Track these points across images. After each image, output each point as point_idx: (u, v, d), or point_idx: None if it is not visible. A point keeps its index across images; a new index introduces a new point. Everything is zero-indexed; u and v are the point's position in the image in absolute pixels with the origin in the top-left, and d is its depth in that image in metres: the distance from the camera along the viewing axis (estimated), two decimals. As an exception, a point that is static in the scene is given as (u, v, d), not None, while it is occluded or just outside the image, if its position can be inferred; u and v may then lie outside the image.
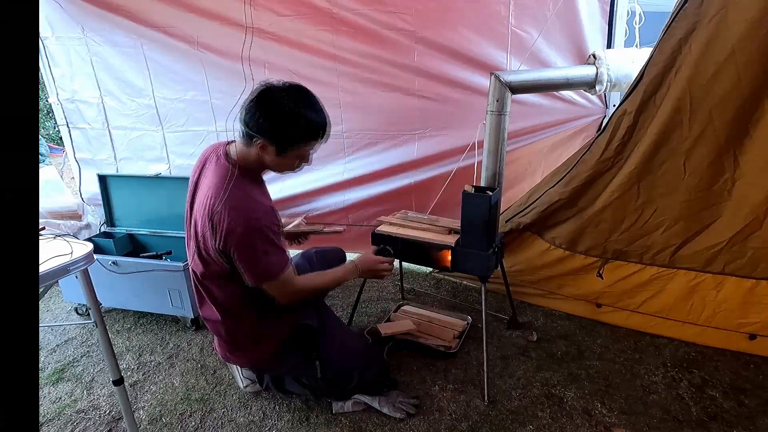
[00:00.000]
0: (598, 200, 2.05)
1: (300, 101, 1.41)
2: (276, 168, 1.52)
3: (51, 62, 3.00)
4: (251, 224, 1.38)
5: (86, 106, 3.06)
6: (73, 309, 2.61)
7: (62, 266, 1.31)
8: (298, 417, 1.76)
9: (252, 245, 1.40)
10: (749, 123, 1.69)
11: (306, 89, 1.47)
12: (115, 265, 2.31)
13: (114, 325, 2.44)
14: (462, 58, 2.40)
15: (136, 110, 2.97)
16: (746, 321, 1.97)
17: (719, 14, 1.56)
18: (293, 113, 1.38)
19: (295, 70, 2.63)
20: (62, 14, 2.77)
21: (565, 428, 1.68)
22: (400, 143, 2.67)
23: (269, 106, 1.39)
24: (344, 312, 2.46)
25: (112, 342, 1.75)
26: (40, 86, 3.71)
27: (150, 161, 3.12)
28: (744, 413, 1.71)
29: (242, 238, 1.38)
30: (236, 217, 1.37)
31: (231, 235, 1.38)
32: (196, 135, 2.95)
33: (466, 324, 2.26)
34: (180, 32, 2.65)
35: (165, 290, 2.28)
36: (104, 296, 2.22)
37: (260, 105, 1.39)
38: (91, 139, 3.16)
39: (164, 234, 2.66)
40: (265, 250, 1.42)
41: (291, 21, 2.50)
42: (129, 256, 2.48)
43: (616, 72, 2.10)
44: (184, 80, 2.80)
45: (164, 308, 2.36)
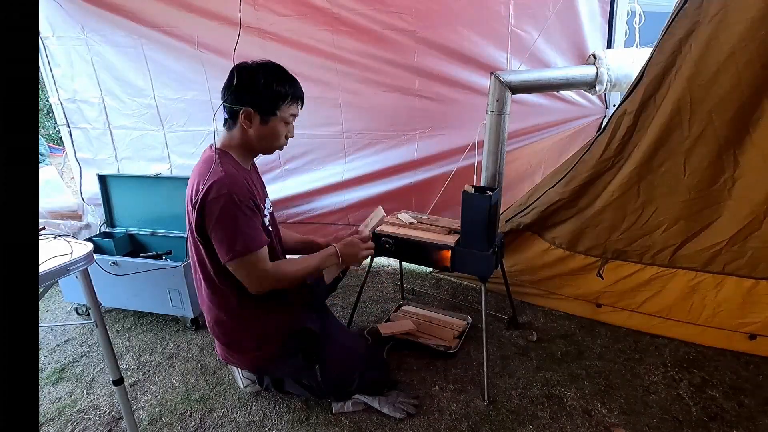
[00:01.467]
0: (598, 200, 2.05)
1: (273, 69, 1.52)
2: (263, 142, 1.54)
3: (51, 62, 3.01)
4: (225, 194, 1.39)
5: (87, 106, 3.07)
6: (73, 309, 2.61)
7: (62, 266, 1.31)
8: (298, 417, 1.76)
9: (227, 216, 1.40)
10: (749, 123, 1.69)
11: (277, 64, 1.56)
12: (115, 266, 2.31)
13: (114, 325, 2.44)
14: (462, 58, 2.41)
15: (137, 110, 2.98)
16: (746, 321, 1.97)
17: (719, 14, 1.56)
18: (270, 77, 1.48)
19: (295, 70, 2.63)
20: (62, 14, 2.77)
21: (565, 428, 1.68)
22: (400, 143, 2.67)
23: (246, 76, 1.46)
24: (344, 312, 2.46)
25: (112, 342, 1.75)
26: (40, 86, 3.71)
27: (151, 161, 3.13)
28: (744, 413, 1.71)
29: (217, 207, 1.39)
30: (213, 188, 1.39)
31: (207, 205, 1.39)
32: (197, 135, 2.95)
33: (466, 324, 2.26)
34: (180, 32, 2.65)
35: (165, 290, 2.28)
36: (104, 296, 2.23)
37: (238, 79, 1.45)
38: (92, 139, 3.16)
39: (164, 234, 2.66)
40: (238, 222, 1.42)
41: (291, 21, 2.50)
42: (129, 256, 2.48)
43: (616, 72, 2.10)
44: (185, 80, 2.80)
45: (164, 308, 2.36)
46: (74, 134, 3.13)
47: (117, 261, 2.31)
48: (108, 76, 2.93)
